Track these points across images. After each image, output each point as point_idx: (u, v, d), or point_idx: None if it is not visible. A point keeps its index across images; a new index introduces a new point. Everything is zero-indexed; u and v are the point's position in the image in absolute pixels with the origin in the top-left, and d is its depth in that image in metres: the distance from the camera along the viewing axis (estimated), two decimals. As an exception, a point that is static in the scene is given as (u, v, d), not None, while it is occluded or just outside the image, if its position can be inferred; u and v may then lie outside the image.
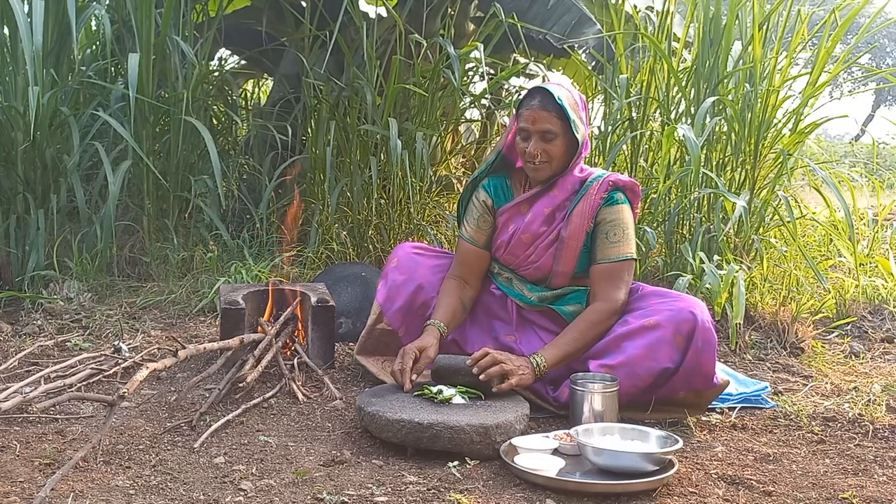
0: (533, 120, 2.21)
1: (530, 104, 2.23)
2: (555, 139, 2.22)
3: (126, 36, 3.60)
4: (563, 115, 2.20)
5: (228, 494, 1.64)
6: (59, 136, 3.54)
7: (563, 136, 2.22)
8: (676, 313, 2.10)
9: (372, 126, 3.71)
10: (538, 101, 2.21)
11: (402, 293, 2.41)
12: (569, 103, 2.22)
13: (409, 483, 1.72)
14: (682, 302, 2.14)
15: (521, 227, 2.31)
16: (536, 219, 2.30)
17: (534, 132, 2.22)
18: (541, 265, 2.31)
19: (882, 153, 10.56)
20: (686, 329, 2.08)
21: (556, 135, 2.21)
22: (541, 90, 2.23)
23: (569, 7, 4.35)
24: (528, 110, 2.22)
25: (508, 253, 2.35)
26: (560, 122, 2.21)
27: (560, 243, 2.27)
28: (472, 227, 2.39)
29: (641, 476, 1.71)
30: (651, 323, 2.10)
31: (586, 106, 2.31)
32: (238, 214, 4.02)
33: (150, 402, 2.24)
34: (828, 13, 3.47)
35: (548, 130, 2.21)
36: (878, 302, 3.36)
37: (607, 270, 2.23)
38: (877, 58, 21.48)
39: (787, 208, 3.34)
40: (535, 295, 2.34)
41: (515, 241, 2.32)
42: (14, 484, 1.66)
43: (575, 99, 2.27)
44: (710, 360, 2.09)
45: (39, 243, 3.29)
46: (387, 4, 3.88)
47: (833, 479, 1.82)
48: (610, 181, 2.27)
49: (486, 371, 2.03)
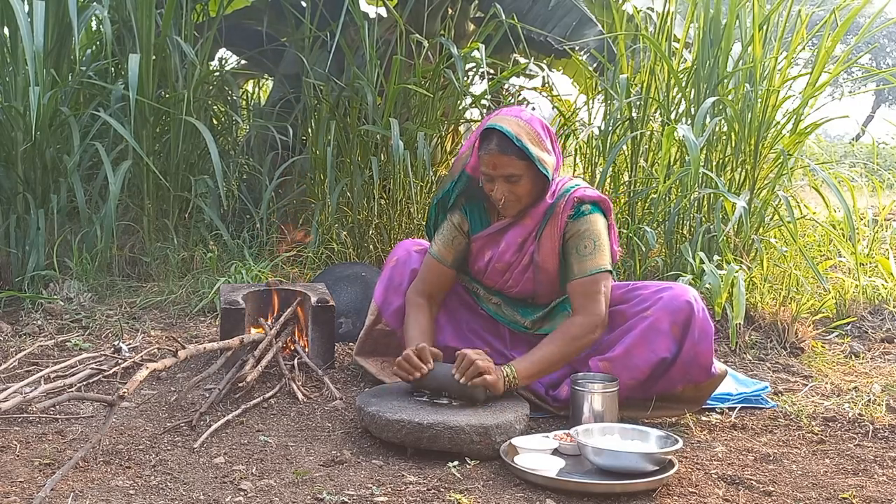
0: (493, 165, 2.09)
1: (488, 148, 2.09)
2: (519, 180, 2.11)
3: (126, 36, 3.60)
4: (524, 156, 2.08)
5: (228, 494, 1.64)
6: (60, 136, 3.54)
7: (528, 174, 2.11)
8: (670, 301, 2.08)
9: (372, 126, 3.71)
10: (496, 146, 2.08)
11: (401, 293, 2.38)
12: (529, 140, 2.08)
13: (409, 483, 1.72)
14: (674, 289, 2.11)
15: (496, 255, 2.26)
16: (509, 248, 2.24)
17: (496, 177, 2.11)
18: (521, 289, 2.29)
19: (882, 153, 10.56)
20: (681, 318, 2.07)
21: (519, 176, 2.10)
22: (496, 132, 2.08)
23: (570, 8, 4.35)
24: (488, 155, 2.09)
25: (487, 278, 2.32)
26: (523, 164, 2.08)
27: (536, 268, 2.23)
28: (443, 246, 2.30)
29: (641, 476, 1.71)
30: (646, 313, 2.10)
31: (549, 129, 2.18)
32: (238, 214, 4.02)
33: (150, 402, 2.24)
34: (828, 13, 3.47)
35: (510, 174, 2.09)
36: (878, 302, 3.36)
37: (582, 285, 2.13)
38: (877, 58, 21.47)
39: (788, 208, 3.34)
40: (527, 320, 2.30)
41: (491, 268, 2.28)
42: (14, 484, 1.66)
43: (536, 130, 2.12)
44: (707, 350, 2.09)
45: (39, 243, 3.29)
46: (387, 4, 3.88)
47: (833, 479, 1.82)
48: (575, 197, 2.17)
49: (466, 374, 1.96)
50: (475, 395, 1.98)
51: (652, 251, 3.28)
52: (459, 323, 2.38)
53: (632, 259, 3.27)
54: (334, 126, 3.78)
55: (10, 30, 3.38)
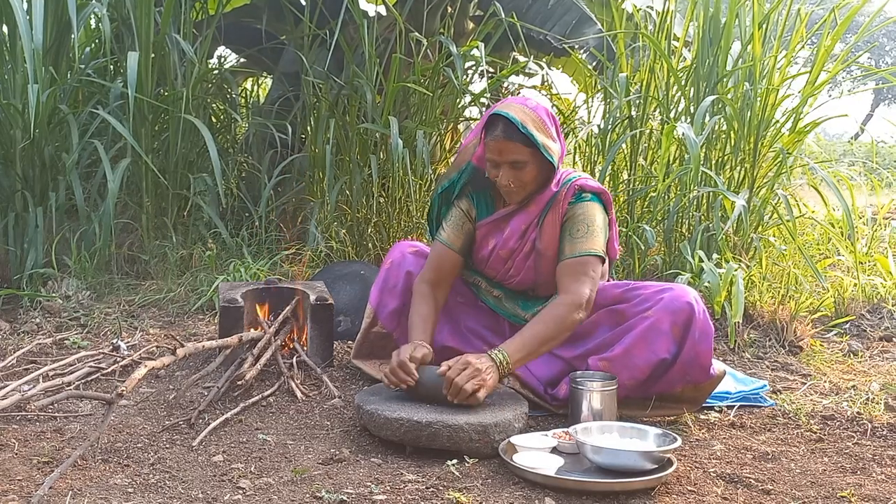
0: (499, 151, 2.10)
1: (494, 134, 2.10)
2: (525, 166, 2.12)
3: (125, 34, 3.60)
4: (530, 142, 2.09)
5: (227, 492, 1.64)
6: (58, 133, 3.54)
7: (534, 160, 2.12)
8: (670, 301, 2.08)
9: (371, 124, 3.71)
10: (501, 132, 2.09)
11: (395, 295, 2.38)
12: (535, 127, 2.09)
13: (408, 481, 1.72)
14: (675, 290, 2.11)
15: (500, 242, 2.27)
16: (513, 235, 2.25)
17: (502, 163, 2.12)
18: (522, 279, 2.29)
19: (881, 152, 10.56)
20: (682, 319, 2.07)
21: (525, 163, 2.11)
22: (502, 118, 2.09)
23: (569, 6, 4.35)
24: (494, 141, 2.10)
25: (489, 268, 2.32)
26: (528, 150, 2.09)
27: (537, 255, 2.24)
28: (451, 232, 2.30)
29: (640, 474, 1.71)
30: (647, 314, 2.09)
31: (554, 117, 2.19)
32: (237, 212, 4.02)
33: (149, 400, 2.24)
34: (827, 12, 3.47)
35: (516, 161, 2.10)
36: (876, 300, 3.36)
37: (569, 266, 2.13)
38: (876, 57, 21.49)
39: (787, 207, 3.35)
40: (527, 313, 2.30)
41: (494, 256, 2.29)
42: (12, 482, 1.66)
43: (541, 117, 2.13)
44: (707, 351, 2.09)
45: (38, 241, 3.29)
46: (387, 3, 3.88)
47: (831, 477, 1.82)
48: (577, 185, 2.20)
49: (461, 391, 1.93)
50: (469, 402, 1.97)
51: (651, 249, 3.28)
52: (458, 322, 2.38)
53: (631, 257, 3.27)
54: (333, 124, 3.78)
55: (9, 27, 3.37)
